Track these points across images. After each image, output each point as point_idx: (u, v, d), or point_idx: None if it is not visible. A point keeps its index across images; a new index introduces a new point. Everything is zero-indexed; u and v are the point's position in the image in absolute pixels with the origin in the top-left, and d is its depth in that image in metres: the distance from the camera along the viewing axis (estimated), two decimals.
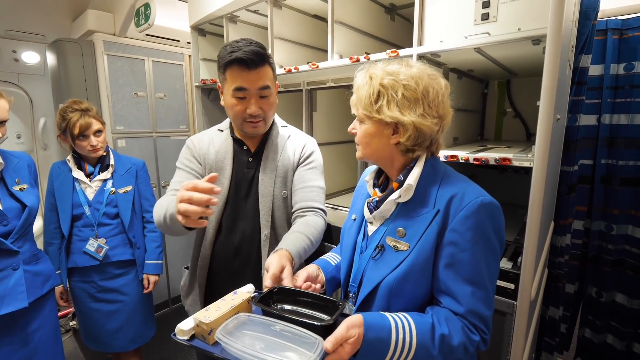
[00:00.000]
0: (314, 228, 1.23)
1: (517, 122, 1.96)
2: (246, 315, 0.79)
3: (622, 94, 1.90)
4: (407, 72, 0.80)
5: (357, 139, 0.89)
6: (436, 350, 0.73)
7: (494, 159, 1.11)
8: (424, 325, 0.75)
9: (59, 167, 1.79)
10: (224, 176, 1.28)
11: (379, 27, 1.88)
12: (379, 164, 0.92)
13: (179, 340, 0.79)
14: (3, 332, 1.40)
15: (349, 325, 0.70)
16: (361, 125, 0.86)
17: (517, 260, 1.16)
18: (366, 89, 0.81)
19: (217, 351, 0.73)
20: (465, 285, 0.76)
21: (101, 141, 1.74)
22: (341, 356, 0.68)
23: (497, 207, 0.79)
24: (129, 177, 1.86)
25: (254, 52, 1.12)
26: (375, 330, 0.72)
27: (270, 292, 0.87)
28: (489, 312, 0.78)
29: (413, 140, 0.81)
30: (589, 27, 1.69)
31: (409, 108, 0.79)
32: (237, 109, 1.20)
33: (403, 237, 0.82)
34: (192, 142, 1.35)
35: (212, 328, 0.76)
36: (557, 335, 1.99)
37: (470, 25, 1.13)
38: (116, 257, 1.80)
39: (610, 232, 1.99)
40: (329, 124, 2.05)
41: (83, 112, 1.68)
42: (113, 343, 1.84)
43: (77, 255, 1.75)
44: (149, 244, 1.91)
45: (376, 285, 0.84)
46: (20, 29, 2.63)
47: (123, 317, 1.83)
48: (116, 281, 1.82)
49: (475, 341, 0.76)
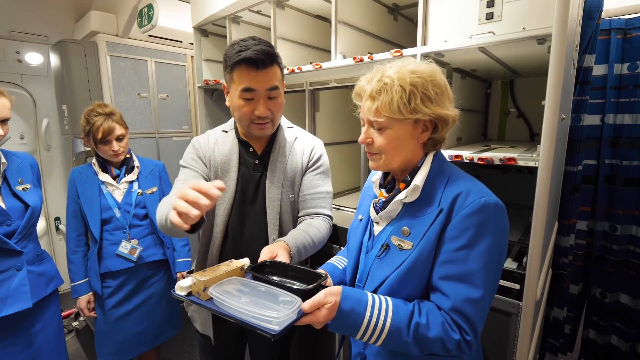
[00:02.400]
0: (317, 229, 1.23)
1: (520, 122, 1.96)
2: (238, 279, 0.88)
3: (626, 94, 1.89)
4: (425, 68, 0.80)
5: (376, 149, 0.84)
6: (410, 337, 0.74)
7: (499, 159, 1.10)
8: (402, 311, 0.76)
9: (82, 172, 1.74)
10: (229, 179, 1.26)
11: (382, 27, 1.88)
12: (402, 168, 0.87)
13: (178, 296, 0.89)
14: (6, 333, 1.40)
15: (327, 293, 0.76)
16: (384, 132, 0.82)
17: (522, 261, 1.15)
18: (392, 92, 0.77)
19: (210, 305, 0.82)
20: (456, 283, 0.75)
21: (123, 146, 1.72)
22: (317, 318, 0.74)
23: (501, 208, 0.78)
24: (153, 178, 1.86)
25: (264, 51, 1.08)
26: (351, 301, 0.76)
27: (263, 264, 0.96)
28: (477, 314, 0.75)
29: (446, 132, 0.83)
30: (593, 26, 1.68)
31: (442, 101, 0.80)
32: (244, 110, 1.15)
33: (407, 236, 0.82)
34: (198, 141, 1.31)
35: (206, 285, 0.85)
36: (561, 336, 1.98)
37: (474, 24, 1.12)
38: (149, 257, 1.79)
39: (615, 232, 1.98)
40: (332, 124, 2.05)
41: (107, 116, 1.67)
42: (137, 347, 1.81)
43: (110, 259, 1.72)
44: (176, 243, 1.91)
45: (379, 283, 0.84)
46: (24, 30, 2.64)
47: (151, 316, 1.83)
48: (149, 281, 1.81)
49: (455, 339, 0.74)
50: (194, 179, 1.23)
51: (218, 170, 1.27)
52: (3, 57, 2.68)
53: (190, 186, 0.80)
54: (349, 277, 0.99)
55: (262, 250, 1.03)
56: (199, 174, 1.25)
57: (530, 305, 1.08)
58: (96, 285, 1.70)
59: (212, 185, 0.80)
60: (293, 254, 1.07)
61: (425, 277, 0.80)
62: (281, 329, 0.70)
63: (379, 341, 0.75)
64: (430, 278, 0.80)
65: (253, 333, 1.35)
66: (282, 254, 1.01)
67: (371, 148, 0.85)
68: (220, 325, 1.35)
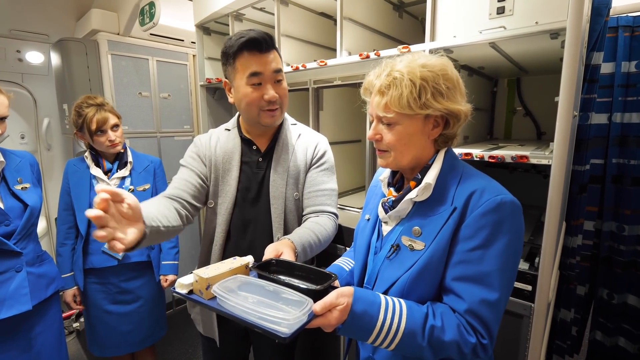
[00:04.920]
0: (323, 228, 1.21)
1: (527, 120, 1.93)
2: (244, 277, 0.83)
3: (634, 92, 1.87)
4: (436, 62, 0.77)
5: (385, 146, 0.81)
6: (425, 341, 0.71)
7: (511, 157, 1.07)
8: (417, 313, 0.73)
9: (75, 164, 1.73)
10: (231, 177, 1.24)
11: (387, 25, 1.86)
12: (413, 165, 0.84)
13: (178, 294, 0.84)
14: (6, 336, 1.37)
15: (339, 294, 0.71)
16: (393, 128, 0.79)
17: (533, 261, 1.12)
18: (401, 87, 0.74)
19: (213, 305, 0.77)
20: (471, 285, 0.72)
21: (119, 136, 1.69)
22: (328, 321, 0.69)
23: (517, 206, 0.75)
24: (147, 174, 1.82)
25: (264, 33, 1.10)
26: (363, 303, 0.72)
27: (268, 262, 0.91)
28: (493, 317, 0.72)
29: (459, 128, 0.80)
30: (601, 23, 1.65)
31: (454, 96, 0.77)
32: (253, 97, 1.14)
33: (419, 236, 0.79)
34: (200, 140, 1.31)
35: (209, 283, 0.80)
36: (568, 338, 1.95)
37: (485, 19, 1.10)
38: (134, 258, 1.76)
39: (622, 232, 1.96)
40: (336, 123, 2.03)
41: (99, 107, 1.64)
42: (122, 345, 1.79)
43: (95, 255, 1.70)
44: (164, 244, 1.86)
45: (390, 285, 0.81)
46: (24, 29, 2.61)
47: (137, 318, 1.80)
48: (132, 282, 1.78)
49: (471, 343, 0.71)
50: (190, 179, 1.23)
51: (219, 169, 1.25)
52: (4, 56, 2.66)
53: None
54: (356, 278, 0.97)
55: (267, 249, 1.01)
56: (195, 173, 1.24)
57: (543, 306, 1.05)
58: (79, 280, 1.70)
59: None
60: (298, 252, 1.05)
61: (438, 278, 0.77)
62: (292, 332, 0.65)
63: (392, 345, 0.72)
64: (443, 279, 0.77)
65: (258, 335, 1.33)
66: (287, 252, 0.99)
67: (380, 145, 0.83)
68: (224, 327, 1.32)
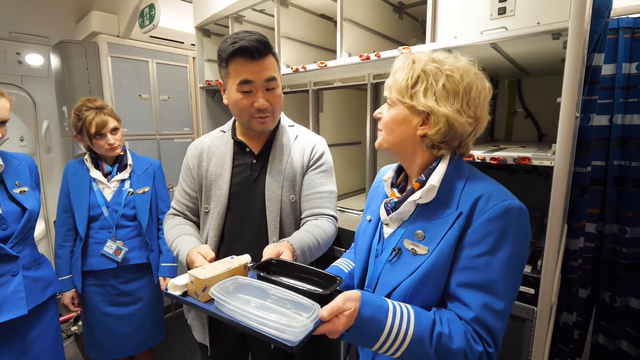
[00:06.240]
0: (323, 230, 1.19)
1: (527, 122, 1.92)
2: (244, 279, 0.78)
3: (635, 94, 1.86)
4: (453, 63, 0.75)
5: (381, 124, 0.84)
6: (432, 348, 0.69)
7: (513, 159, 1.06)
8: (425, 319, 0.71)
9: (75, 166, 1.72)
10: (222, 181, 1.22)
11: (387, 26, 1.86)
12: (398, 157, 0.86)
13: (171, 296, 0.78)
14: (2, 341, 1.35)
15: (346, 298, 0.68)
16: (390, 109, 0.81)
17: (536, 264, 1.11)
18: (405, 72, 0.77)
19: (211, 308, 0.72)
20: (478, 292, 0.70)
21: (118, 139, 1.69)
22: (335, 327, 0.67)
23: (525, 212, 0.73)
24: (147, 177, 1.81)
25: (258, 40, 1.07)
26: (371, 308, 0.69)
27: (268, 262, 0.87)
28: (499, 326, 0.71)
29: (442, 135, 0.76)
30: (602, 24, 1.65)
31: (446, 100, 0.74)
32: (242, 104, 1.13)
33: (422, 240, 0.77)
34: (190, 150, 1.33)
35: (206, 285, 0.75)
36: (570, 342, 1.93)
37: (486, 20, 1.09)
38: (133, 260, 1.74)
39: (624, 235, 1.94)
40: (336, 125, 2.02)
41: (98, 110, 1.63)
42: (121, 348, 1.78)
43: (94, 258, 1.69)
44: (164, 246, 1.84)
45: (392, 289, 0.79)
46: (24, 31, 2.62)
47: (135, 320, 1.78)
48: (131, 285, 1.77)
49: (478, 352, 0.69)
50: (184, 200, 1.33)
51: (211, 175, 1.24)
52: (3, 59, 2.66)
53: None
54: (356, 281, 0.95)
55: (266, 249, 0.99)
56: (187, 194, 1.32)
57: (546, 310, 1.04)
58: (77, 282, 1.69)
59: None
60: (297, 255, 1.03)
61: (442, 284, 0.75)
62: (300, 340, 0.61)
63: (398, 352, 0.69)
64: (448, 285, 0.75)
65: (256, 341, 1.30)
66: (286, 253, 0.97)
67: (379, 123, 0.85)
68: (219, 333, 1.29)
